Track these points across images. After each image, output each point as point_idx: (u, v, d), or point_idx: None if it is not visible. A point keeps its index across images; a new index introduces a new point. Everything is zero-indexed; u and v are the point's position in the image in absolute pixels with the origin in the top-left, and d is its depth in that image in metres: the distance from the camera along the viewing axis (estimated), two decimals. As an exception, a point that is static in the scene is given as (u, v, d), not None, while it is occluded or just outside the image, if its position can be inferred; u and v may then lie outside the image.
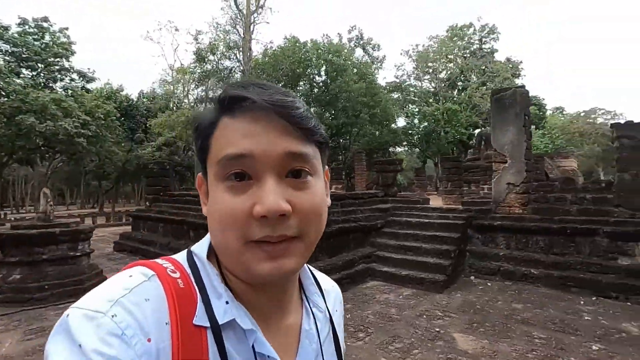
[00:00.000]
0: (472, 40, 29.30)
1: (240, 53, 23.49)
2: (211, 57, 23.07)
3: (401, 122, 29.24)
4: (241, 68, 23.38)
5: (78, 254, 5.58)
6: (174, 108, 26.07)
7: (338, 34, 28.29)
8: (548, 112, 35.52)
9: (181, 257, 0.50)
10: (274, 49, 23.85)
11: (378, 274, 6.05)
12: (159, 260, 0.48)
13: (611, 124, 5.29)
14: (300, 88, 25.18)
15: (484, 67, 28.07)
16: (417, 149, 29.54)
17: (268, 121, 0.43)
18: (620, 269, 4.96)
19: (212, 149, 0.46)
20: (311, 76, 24.67)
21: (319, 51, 23.84)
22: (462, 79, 28.58)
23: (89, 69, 22.11)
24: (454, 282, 5.81)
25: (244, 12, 23.48)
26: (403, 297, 5.35)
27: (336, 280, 4.04)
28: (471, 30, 29.32)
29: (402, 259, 6.11)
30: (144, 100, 29.69)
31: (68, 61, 20.34)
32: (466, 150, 26.05)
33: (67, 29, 19.97)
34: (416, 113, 27.94)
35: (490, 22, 29.17)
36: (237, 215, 0.42)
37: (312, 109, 24.05)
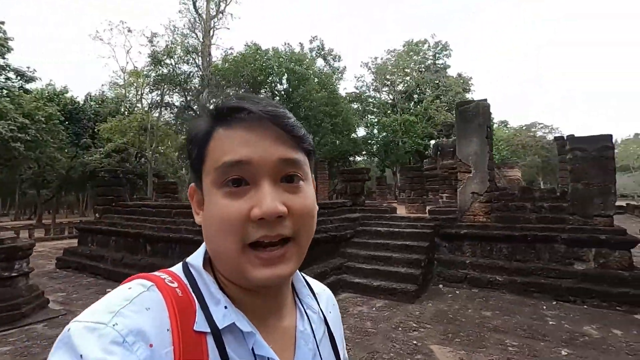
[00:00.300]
0: (426, 56, 30.77)
1: (200, 58, 22.73)
2: (168, 61, 22.06)
3: (361, 132, 29.87)
4: (200, 73, 22.59)
5: (14, 274, 4.88)
6: (126, 112, 24.53)
7: (299, 43, 28.35)
8: (494, 126, 38.06)
9: (176, 269, 0.52)
10: (234, 55, 23.35)
11: (350, 285, 5.92)
12: (156, 273, 0.50)
13: (567, 137, 5.65)
14: (262, 96, 24.86)
15: (437, 82, 29.53)
16: (376, 158, 30.21)
17: (264, 130, 0.46)
18: (576, 274, 5.25)
19: (209, 157, 0.47)
20: (273, 84, 24.47)
21: (281, 59, 23.76)
22: (418, 91, 29.83)
23: (28, 67, 20.17)
24: (424, 291, 5.83)
25: (204, 16, 22.82)
26: (376, 308, 5.25)
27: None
28: (425, 46, 30.81)
29: (374, 270, 6.03)
30: (92, 103, 27.67)
31: (3, 58, 18.42)
32: (422, 160, 27.10)
33: (3, 23, 18.12)
34: (375, 123, 28.63)
35: (443, 39, 30.69)
36: (235, 218, 0.44)
37: None
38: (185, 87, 22.49)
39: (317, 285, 0.67)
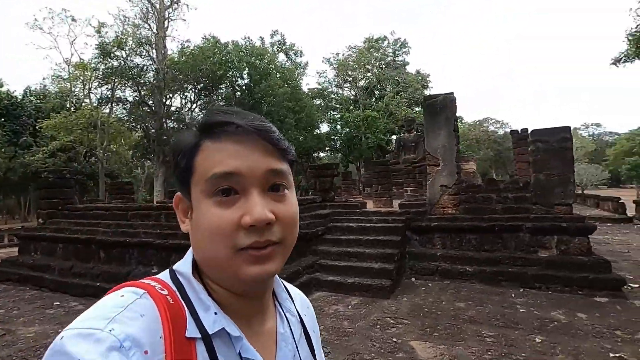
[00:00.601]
0: (386, 52, 31.24)
1: (154, 50, 21.39)
2: (118, 53, 20.54)
3: (324, 128, 29.79)
4: (155, 66, 21.29)
5: (-62, 293, 4.18)
6: (72, 108, 22.62)
7: (260, 37, 27.68)
8: (450, 121, 39.55)
9: (164, 276, 0.52)
10: (192, 48, 22.22)
11: (323, 283, 5.74)
12: (145, 280, 0.50)
13: (532, 131, 5.82)
14: (222, 91, 24.01)
15: (397, 78, 30.11)
16: (340, 154, 30.32)
17: (252, 143, 0.49)
18: (540, 262, 5.44)
19: (198, 168, 0.49)
20: (233, 79, 23.65)
21: (241, 53, 23.03)
22: (379, 87, 30.24)
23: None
24: (398, 286, 5.79)
25: (157, 6, 21.49)
26: (352, 306, 5.12)
27: None
28: (385, 43, 31.27)
29: (347, 266, 5.90)
30: (32, 98, 25.30)
31: None
32: (384, 155, 27.59)
33: None
34: (338, 119, 28.66)
35: (402, 37, 31.29)
36: (226, 226, 0.47)
37: None
38: (139, 81, 21.09)
39: (293, 290, 0.70)
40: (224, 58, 21.98)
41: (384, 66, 30.31)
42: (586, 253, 5.27)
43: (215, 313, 0.48)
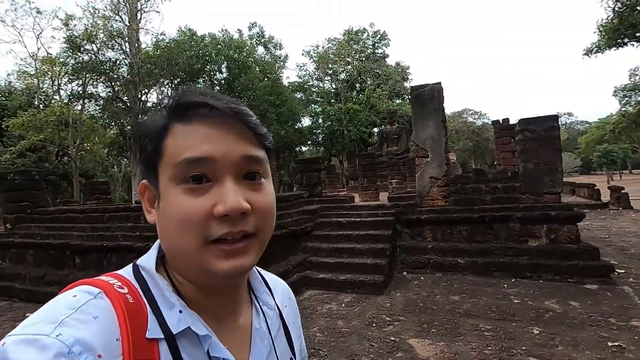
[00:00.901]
0: (366, 45, 31.07)
1: (127, 44, 20.44)
2: (88, 47, 19.51)
3: (306, 121, 29.49)
4: (128, 60, 20.36)
5: None
6: (41, 105, 21.43)
7: (238, 29, 26.95)
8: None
9: (126, 272, 0.49)
10: (167, 41, 21.36)
11: (314, 282, 5.56)
12: (103, 277, 0.47)
13: (519, 120, 5.77)
14: (200, 86, 23.27)
15: (377, 71, 30.05)
16: (322, 148, 30.11)
17: (228, 126, 0.46)
18: (531, 251, 5.42)
19: (167, 153, 0.46)
20: (212, 73, 22.98)
21: (219, 46, 22.37)
22: (360, 80, 30.11)
23: None
24: (390, 281, 5.67)
25: (129, -3, 20.50)
26: (345, 304, 4.96)
27: None
28: (365, 35, 31.09)
29: (338, 263, 5.73)
30: (-4, 95, 23.79)
31: None
32: (366, 148, 27.61)
33: None
34: (320, 113, 28.40)
35: (381, 29, 31.16)
36: (197, 215, 0.43)
37: None
38: (112, 76, 20.14)
39: (272, 280, 0.66)
40: (201, 51, 21.35)
41: (364, 59, 30.16)
42: (575, 241, 5.28)
43: (180, 311, 0.45)
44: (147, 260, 0.49)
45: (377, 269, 5.50)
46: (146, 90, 21.43)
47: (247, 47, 23.86)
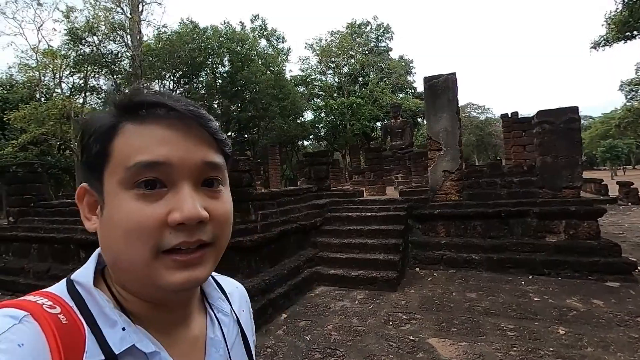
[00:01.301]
0: (369, 38, 30.65)
1: (128, 36, 20.14)
2: (90, 39, 19.24)
3: (308, 115, 29.20)
4: (130, 53, 20.07)
5: None
6: (42, 98, 21.20)
7: (240, 22, 26.58)
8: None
9: (59, 289, 0.44)
10: (169, 33, 21.04)
11: (325, 277, 5.39)
12: (30, 297, 0.41)
13: (537, 112, 5.55)
14: (202, 79, 22.97)
15: (381, 64, 29.67)
16: (325, 142, 29.84)
17: (187, 129, 0.43)
18: (548, 247, 5.24)
19: (116, 155, 0.42)
20: (214, 66, 22.64)
21: (221, 39, 21.99)
22: (363, 74, 29.75)
23: None
24: (403, 277, 5.50)
25: (130, -12, 20.14)
26: (359, 301, 4.79)
27: (283, 294, 4.53)
28: (368, 28, 30.65)
29: (349, 259, 5.56)
30: (-2, 88, 23.54)
31: None
32: (369, 142, 27.35)
33: None
34: (322, 106, 28.14)
35: (385, 22, 30.73)
36: (150, 223, 0.40)
37: (217, 101, 22.25)
38: (114, 68, 19.93)
39: (229, 285, 0.62)
40: (203, 44, 21.02)
41: (367, 52, 29.77)
42: (595, 237, 5.10)
43: (124, 328, 0.41)
44: (84, 275, 0.45)
45: (390, 265, 5.33)
46: (148, 83, 21.21)
47: (250, 40, 23.46)
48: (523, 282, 5.06)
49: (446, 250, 5.81)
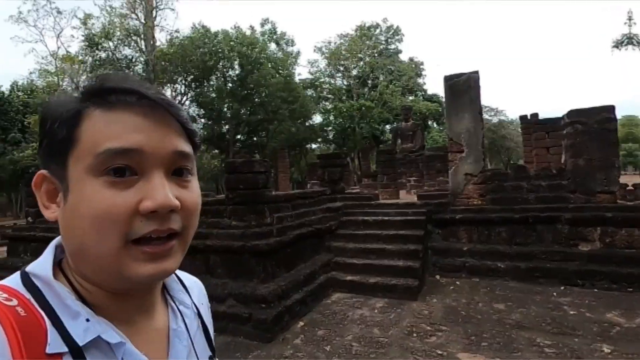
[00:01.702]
0: (379, 40, 30.30)
1: (142, 41, 20.22)
2: (106, 44, 19.38)
3: (317, 118, 29.05)
4: (144, 58, 20.16)
5: None
6: (60, 102, 21.40)
7: (250, 26, 26.55)
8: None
9: (13, 281, 0.42)
10: (181, 38, 21.12)
11: (341, 284, 5.13)
12: None
13: (569, 111, 5.18)
14: (213, 82, 22.94)
15: (390, 67, 29.30)
16: (333, 145, 29.56)
17: (158, 118, 0.43)
18: (582, 256, 4.85)
19: (83, 141, 0.41)
20: (225, 69, 22.60)
21: (232, 43, 21.94)
22: (372, 77, 29.44)
23: None
24: (423, 285, 5.17)
25: (145, -5, 20.25)
26: (378, 310, 4.49)
27: (299, 300, 4.34)
28: (378, 30, 30.31)
29: (366, 264, 5.28)
30: (19, 93, 24.02)
31: None
32: (378, 145, 26.97)
33: None
34: (331, 110, 27.95)
35: (394, 24, 30.34)
36: (120, 211, 0.40)
37: (227, 105, 22.19)
38: (128, 72, 19.98)
39: (187, 278, 0.61)
40: (214, 48, 20.97)
41: (376, 55, 29.42)
42: (635, 245, 4.68)
43: (88, 319, 0.40)
44: (40, 266, 0.43)
45: (411, 272, 5.01)
46: (160, 87, 21.28)
47: (260, 44, 23.31)
48: (555, 294, 4.67)
49: (469, 257, 5.46)
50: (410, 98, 28.84)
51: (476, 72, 5.74)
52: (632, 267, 4.51)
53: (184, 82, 22.03)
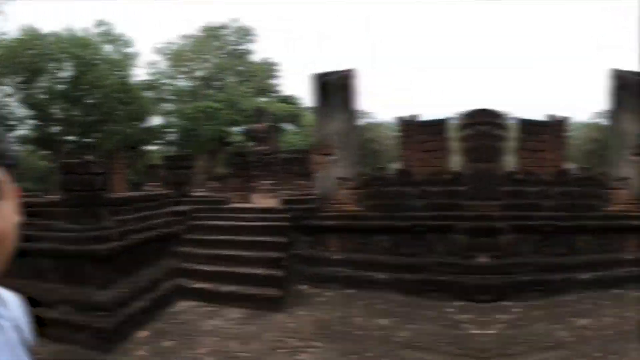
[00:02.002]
0: (227, 41, 31.19)
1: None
2: None
3: (158, 120, 28.35)
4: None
5: None
6: None
7: (84, 27, 25.32)
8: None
9: None
10: (9, 40, 21.07)
11: (190, 292, 4.81)
12: None
13: (469, 112, 5.50)
14: (43, 84, 22.27)
15: (240, 67, 30.47)
16: (175, 147, 28.33)
17: None
18: (482, 268, 4.78)
19: None
20: (55, 71, 22.31)
21: (63, 44, 21.87)
22: (220, 78, 29.97)
23: None
24: (288, 295, 4.72)
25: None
26: (235, 321, 3.95)
27: (142, 308, 4.41)
28: (227, 31, 31.24)
29: (220, 272, 4.90)
30: None
31: None
32: (225, 147, 26.91)
33: None
34: (174, 112, 27.77)
35: (247, 24, 31.77)
36: None
37: (59, 106, 22.34)
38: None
39: (2, 291, 0.60)
40: (44, 50, 21.34)
41: (224, 55, 30.19)
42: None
43: None
44: None
45: (272, 281, 4.74)
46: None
47: (93, 45, 23.79)
48: (452, 310, 4.51)
49: (342, 267, 5.28)
50: (264, 99, 29.97)
51: (351, 71, 5.98)
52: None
53: (12, 83, 22.41)
